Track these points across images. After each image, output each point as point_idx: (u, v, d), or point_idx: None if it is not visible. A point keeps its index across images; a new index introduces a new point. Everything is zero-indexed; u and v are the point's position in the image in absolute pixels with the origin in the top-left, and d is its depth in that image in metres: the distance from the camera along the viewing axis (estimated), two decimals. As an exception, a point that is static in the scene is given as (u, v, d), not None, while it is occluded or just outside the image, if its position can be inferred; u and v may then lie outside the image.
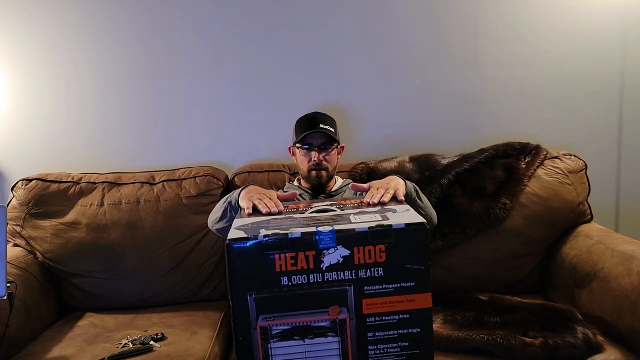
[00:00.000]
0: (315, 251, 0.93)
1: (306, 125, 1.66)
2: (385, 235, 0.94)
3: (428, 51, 2.04)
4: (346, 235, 0.94)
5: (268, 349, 0.96)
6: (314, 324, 0.96)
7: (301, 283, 0.94)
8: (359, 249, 0.94)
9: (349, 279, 0.95)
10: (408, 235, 0.95)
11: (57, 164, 2.02)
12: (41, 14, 1.99)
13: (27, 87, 2.03)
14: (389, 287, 0.96)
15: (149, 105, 2.06)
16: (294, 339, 0.96)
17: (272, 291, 0.94)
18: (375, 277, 0.95)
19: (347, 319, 0.96)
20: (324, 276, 0.94)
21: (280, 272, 0.94)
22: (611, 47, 2.04)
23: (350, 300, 0.95)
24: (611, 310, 1.45)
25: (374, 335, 0.97)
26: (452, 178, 1.81)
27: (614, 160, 2.10)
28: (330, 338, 0.96)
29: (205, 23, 2.01)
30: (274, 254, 0.93)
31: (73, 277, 1.81)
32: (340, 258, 0.95)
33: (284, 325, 0.96)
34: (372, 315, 0.96)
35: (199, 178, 1.88)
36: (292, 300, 0.95)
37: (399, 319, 0.96)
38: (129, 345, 1.51)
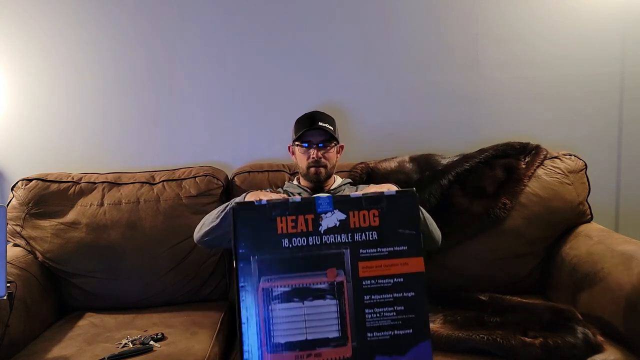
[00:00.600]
0: (314, 215, 1.01)
1: (305, 123, 1.66)
2: (377, 200, 1.03)
3: (428, 51, 2.04)
4: (342, 200, 1.03)
5: (269, 310, 1.01)
6: (313, 286, 1.01)
7: (301, 245, 1.01)
8: (354, 213, 1.02)
9: (345, 242, 1.02)
10: (398, 201, 1.04)
11: (57, 164, 2.02)
12: (41, 14, 1.99)
13: (27, 87, 2.04)
14: (383, 251, 1.02)
15: (149, 105, 2.06)
16: (294, 301, 1.01)
17: (274, 253, 1.01)
18: (370, 240, 1.02)
19: (345, 281, 1.02)
20: (322, 239, 1.02)
21: (282, 234, 1.01)
22: (611, 47, 2.04)
23: (347, 262, 1.02)
24: (611, 310, 1.45)
25: (371, 298, 1.02)
26: (452, 178, 1.81)
27: (614, 160, 2.10)
28: (329, 300, 1.01)
29: (205, 23, 2.01)
30: (276, 216, 1.01)
31: (73, 277, 1.81)
32: (337, 222, 1.02)
33: (285, 287, 1.01)
34: (368, 279, 1.02)
35: (199, 178, 1.88)
36: (292, 262, 1.01)
37: (394, 282, 1.02)
38: (129, 345, 1.51)
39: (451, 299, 1.66)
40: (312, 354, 1.01)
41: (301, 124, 1.68)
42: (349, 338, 1.01)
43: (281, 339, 1.00)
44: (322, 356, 1.01)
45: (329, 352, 1.01)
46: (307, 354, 1.01)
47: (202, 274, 1.84)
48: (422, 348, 1.01)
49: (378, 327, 1.01)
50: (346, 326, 1.01)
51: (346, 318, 1.01)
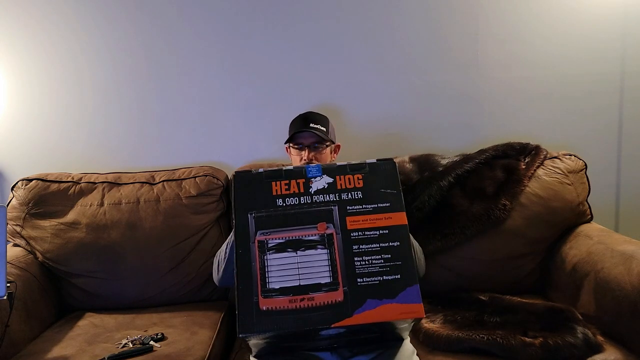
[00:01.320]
0: (304, 179, 1.14)
1: (297, 124, 1.67)
2: (360, 167, 1.16)
3: (428, 51, 2.04)
4: (329, 167, 1.15)
5: (264, 260, 1.08)
6: (305, 237, 1.10)
7: (293, 204, 1.12)
8: (341, 177, 1.14)
9: (333, 201, 1.13)
10: (379, 167, 1.16)
11: (57, 164, 2.02)
12: (41, 14, 1.99)
13: (27, 87, 2.04)
14: (368, 207, 1.12)
15: (148, 105, 2.06)
16: (288, 251, 1.09)
17: (269, 210, 1.11)
18: (356, 199, 1.13)
19: (334, 233, 1.11)
20: (313, 198, 1.12)
21: (276, 195, 1.12)
22: (611, 47, 2.04)
23: (336, 217, 1.11)
24: (611, 310, 1.45)
25: (359, 247, 1.10)
26: (452, 179, 1.81)
27: (614, 160, 2.10)
28: (320, 250, 1.10)
29: (205, 23, 2.01)
30: (271, 181, 1.13)
31: (73, 277, 1.81)
32: (326, 184, 1.13)
33: (279, 239, 1.10)
34: (356, 230, 1.11)
35: (199, 178, 1.88)
36: (285, 218, 1.11)
37: (380, 234, 1.11)
38: (129, 345, 1.51)
39: (451, 299, 1.67)
40: (305, 298, 1.07)
41: (294, 125, 1.68)
42: (340, 283, 1.08)
43: (275, 285, 1.07)
44: (314, 300, 1.07)
45: (322, 296, 1.07)
46: (300, 298, 1.07)
47: (202, 274, 1.84)
48: (411, 291, 1.08)
49: (367, 274, 1.08)
50: (337, 273, 1.08)
51: (337, 266, 1.09)
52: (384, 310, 1.06)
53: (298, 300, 1.07)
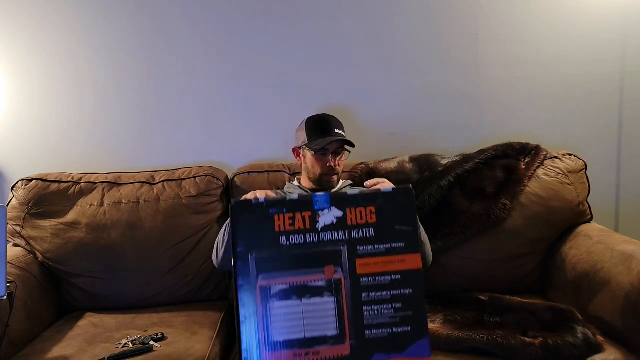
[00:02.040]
0: (311, 212, 1.01)
1: (321, 129, 1.65)
2: (374, 198, 1.02)
3: (428, 51, 2.04)
4: (339, 198, 1.02)
5: (267, 308, 1.00)
6: (311, 283, 1.01)
7: (298, 243, 1.00)
8: (351, 210, 1.01)
9: (342, 239, 1.01)
10: (395, 197, 1.03)
11: (57, 164, 2.02)
12: (41, 14, 1.99)
13: (27, 87, 2.04)
14: (380, 248, 1.02)
15: (149, 105, 2.06)
16: (292, 299, 1.01)
17: (272, 250, 1.00)
18: (367, 237, 1.01)
19: (342, 278, 1.01)
20: (320, 236, 1.01)
21: (279, 232, 1.00)
22: (611, 47, 2.04)
23: (345, 260, 1.01)
24: (611, 310, 1.45)
25: (369, 295, 1.01)
26: (452, 179, 1.81)
27: (614, 160, 2.10)
28: (327, 297, 1.01)
29: (205, 22, 2.01)
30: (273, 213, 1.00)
31: (73, 277, 1.81)
32: (335, 219, 1.01)
33: (283, 285, 1.01)
34: (366, 276, 1.01)
35: (199, 178, 1.88)
36: (290, 260, 1.01)
37: (392, 280, 1.01)
38: (129, 345, 1.51)
39: (451, 299, 1.67)
40: (310, 352, 1.00)
41: (316, 129, 1.65)
42: (347, 336, 1.01)
43: (279, 337, 1.00)
44: (320, 354, 1.01)
45: (327, 349, 1.01)
46: (305, 352, 1.00)
47: (202, 274, 1.84)
48: (421, 345, 1.01)
49: (376, 325, 1.01)
50: (344, 324, 1.01)
51: (344, 315, 1.01)
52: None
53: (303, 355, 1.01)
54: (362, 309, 1.01)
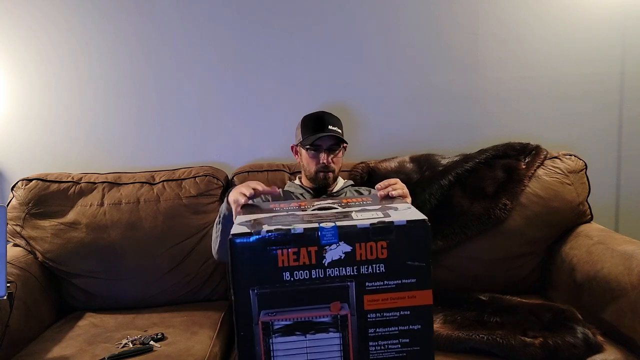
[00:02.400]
0: (317, 247, 0.94)
1: (314, 126, 1.64)
2: (386, 232, 0.95)
3: (428, 51, 2.04)
4: (348, 232, 0.94)
5: (270, 344, 0.96)
6: (316, 319, 0.97)
7: (303, 279, 0.94)
8: (361, 245, 0.94)
9: (350, 275, 0.95)
10: (409, 232, 0.95)
11: (57, 164, 2.02)
12: (41, 14, 1.99)
13: (28, 87, 2.03)
14: (390, 284, 0.96)
15: (149, 105, 2.06)
16: (296, 334, 0.97)
17: (274, 286, 0.95)
18: (377, 273, 0.95)
19: (349, 314, 0.97)
20: (326, 272, 0.95)
21: (283, 267, 0.94)
22: (611, 47, 2.04)
23: (352, 296, 0.96)
24: (611, 310, 1.45)
25: (375, 331, 0.97)
26: (453, 179, 1.81)
27: (614, 160, 2.10)
28: (332, 334, 0.97)
29: (205, 22, 2.01)
30: (276, 249, 0.94)
31: (73, 277, 1.81)
32: (342, 254, 0.95)
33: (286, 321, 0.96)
34: (373, 312, 0.97)
35: (199, 178, 1.88)
36: (294, 296, 0.95)
37: (400, 316, 0.97)
38: (129, 345, 1.51)
39: (451, 299, 1.66)
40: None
41: (309, 127, 1.65)
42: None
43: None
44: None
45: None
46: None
47: (202, 274, 1.84)
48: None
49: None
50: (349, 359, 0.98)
51: (349, 352, 0.98)
52: None
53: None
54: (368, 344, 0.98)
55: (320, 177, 1.64)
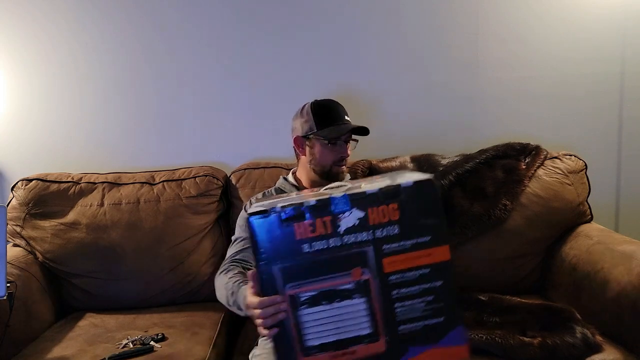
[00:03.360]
0: (331, 216, 0.98)
1: (333, 116, 1.51)
2: (395, 194, 0.98)
3: (428, 51, 2.04)
4: (359, 198, 0.98)
5: (298, 316, 1.00)
6: (339, 287, 1.00)
7: (322, 249, 0.98)
8: (373, 209, 0.98)
9: (367, 240, 0.99)
10: (417, 191, 0.99)
11: (57, 164, 2.02)
12: (41, 14, 1.99)
13: (27, 87, 2.04)
14: (406, 244, 0.99)
15: (148, 106, 2.06)
16: (322, 304, 1.00)
17: (296, 259, 0.98)
18: (392, 235, 0.99)
19: (370, 279, 1.00)
20: (343, 239, 0.98)
21: (301, 240, 0.98)
22: (611, 47, 2.04)
23: (371, 260, 0.99)
24: (611, 310, 1.45)
25: (399, 292, 1.00)
26: (453, 179, 1.81)
27: (614, 160, 2.10)
28: (357, 299, 1.00)
29: (204, 23, 2.01)
30: (292, 223, 0.98)
31: (73, 277, 1.81)
32: (356, 220, 0.98)
33: (311, 292, 0.99)
34: (394, 273, 1.00)
35: (199, 178, 1.88)
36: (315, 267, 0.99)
37: (420, 274, 1.00)
38: (130, 345, 1.51)
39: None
40: (346, 352, 1.01)
41: (326, 116, 1.51)
42: (380, 333, 1.01)
43: (314, 342, 1.01)
44: (356, 353, 1.01)
45: (362, 348, 1.01)
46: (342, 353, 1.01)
47: (202, 274, 1.84)
48: (456, 334, 1.02)
49: (409, 320, 1.01)
50: (377, 322, 1.01)
51: (376, 314, 1.01)
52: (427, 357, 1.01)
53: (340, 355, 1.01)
54: (394, 306, 1.01)
55: (335, 170, 1.51)
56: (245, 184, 1.88)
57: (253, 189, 1.84)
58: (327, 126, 1.49)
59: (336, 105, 1.56)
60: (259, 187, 1.84)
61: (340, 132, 1.49)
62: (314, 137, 1.51)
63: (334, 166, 1.51)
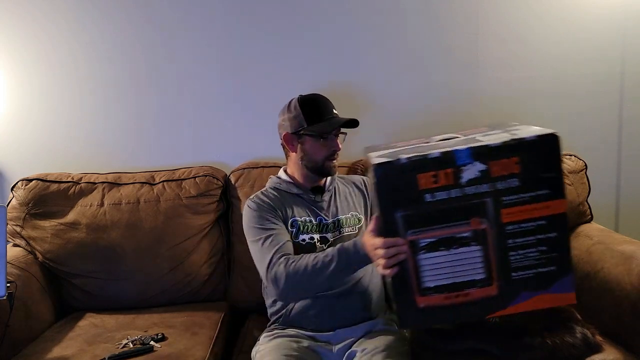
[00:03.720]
0: (453, 168, 1.02)
1: (320, 110, 1.50)
2: (518, 148, 1.02)
3: (428, 51, 2.04)
4: (481, 151, 1.01)
5: (417, 260, 1.05)
6: (458, 235, 1.05)
7: (443, 199, 1.03)
8: (494, 162, 1.02)
9: (487, 192, 1.03)
10: (540, 146, 1.04)
11: (57, 164, 2.02)
12: (41, 14, 1.99)
13: (27, 87, 2.03)
14: (525, 196, 1.03)
15: (148, 106, 2.06)
16: (440, 250, 1.05)
17: (417, 208, 1.04)
18: (512, 187, 1.03)
19: (488, 228, 1.04)
20: (464, 190, 1.03)
21: (424, 189, 1.03)
22: (611, 47, 2.04)
23: (490, 211, 1.04)
24: (611, 310, 1.45)
25: (514, 242, 1.05)
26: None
27: (614, 160, 2.10)
28: (473, 247, 1.05)
29: (203, 23, 2.01)
30: (416, 173, 1.02)
31: (73, 277, 1.81)
32: (478, 173, 1.02)
33: (430, 238, 1.05)
34: (511, 224, 1.04)
35: (198, 178, 1.88)
36: (435, 215, 1.04)
37: (537, 225, 1.04)
38: (130, 345, 1.51)
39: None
40: (460, 294, 1.06)
41: (315, 111, 1.50)
42: (494, 278, 1.06)
43: (430, 283, 1.06)
44: (469, 295, 1.06)
45: (476, 291, 1.06)
46: (455, 295, 1.06)
47: (202, 274, 1.84)
48: (565, 282, 1.06)
49: (522, 267, 1.05)
50: (491, 268, 1.05)
51: (491, 261, 1.05)
52: (537, 301, 1.05)
53: (453, 297, 1.07)
54: (508, 254, 1.05)
55: (328, 165, 1.50)
56: (244, 184, 1.88)
57: (252, 188, 1.84)
58: (317, 121, 1.48)
59: (324, 100, 1.54)
60: (257, 186, 1.84)
61: (331, 126, 1.48)
62: (304, 133, 1.49)
63: (326, 161, 1.50)
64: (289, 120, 1.53)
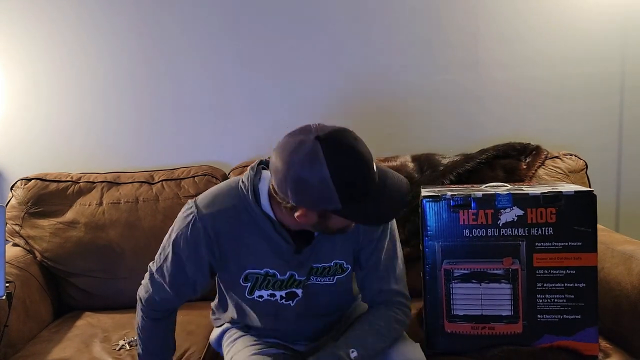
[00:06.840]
0: (493, 210, 1.12)
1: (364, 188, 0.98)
2: (556, 199, 1.11)
3: (429, 50, 2.04)
4: (521, 198, 1.11)
5: (450, 288, 1.14)
6: (490, 270, 1.13)
7: (480, 235, 1.13)
8: (532, 210, 1.11)
9: (522, 235, 1.11)
10: (577, 200, 1.11)
11: (56, 163, 2.02)
12: (41, 13, 2.00)
13: (27, 87, 2.04)
14: (557, 245, 1.11)
15: (147, 105, 2.06)
16: (472, 282, 1.13)
17: (456, 240, 1.14)
18: (546, 235, 1.11)
19: (519, 269, 1.12)
20: (500, 231, 1.12)
21: (464, 225, 1.14)
22: (611, 47, 2.03)
23: (523, 253, 1.12)
24: (611, 310, 1.44)
25: (543, 285, 1.12)
26: (454, 178, 1.80)
27: (614, 160, 2.09)
28: (504, 284, 1.13)
29: (204, 22, 2.01)
30: (459, 210, 1.13)
31: (72, 276, 1.81)
32: (515, 217, 1.12)
33: (464, 270, 1.14)
34: (542, 268, 1.12)
35: (197, 177, 1.88)
36: (471, 250, 1.14)
37: (566, 274, 1.11)
38: (126, 346, 1.51)
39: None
40: (486, 327, 1.13)
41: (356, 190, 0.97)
42: (520, 317, 1.12)
43: (459, 312, 1.14)
44: (495, 329, 1.13)
45: (502, 326, 1.13)
46: (482, 326, 1.14)
47: (201, 274, 1.84)
48: (590, 332, 1.13)
49: (548, 311, 1.12)
50: (518, 307, 1.12)
51: (519, 300, 1.12)
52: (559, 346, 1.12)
53: (479, 328, 1.14)
54: (536, 296, 1.12)
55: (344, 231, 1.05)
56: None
57: (252, 189, 1.83)
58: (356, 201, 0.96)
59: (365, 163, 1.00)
60: (257, 186, 1.83)
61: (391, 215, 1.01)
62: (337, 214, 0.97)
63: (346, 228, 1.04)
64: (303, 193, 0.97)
